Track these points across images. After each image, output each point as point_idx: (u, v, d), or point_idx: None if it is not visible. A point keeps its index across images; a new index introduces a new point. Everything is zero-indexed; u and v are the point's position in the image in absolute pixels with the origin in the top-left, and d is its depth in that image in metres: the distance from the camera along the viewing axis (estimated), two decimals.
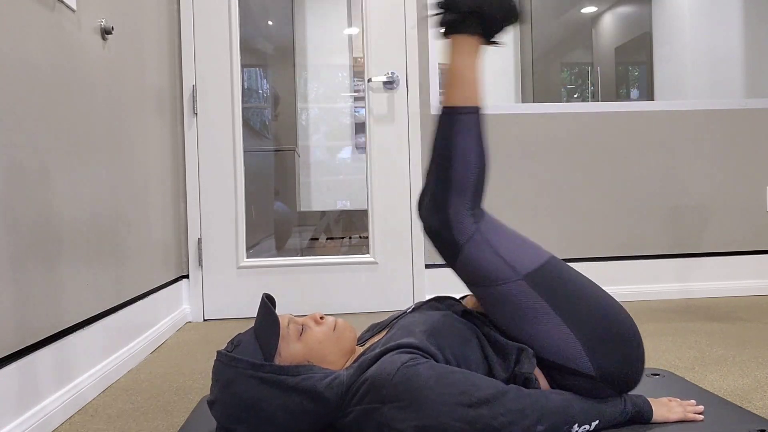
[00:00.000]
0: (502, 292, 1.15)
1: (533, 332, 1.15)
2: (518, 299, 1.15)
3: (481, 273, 1.15)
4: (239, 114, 2.68)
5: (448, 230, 1.15)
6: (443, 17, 1.18)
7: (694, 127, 2.89)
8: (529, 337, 1.16)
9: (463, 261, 1.16)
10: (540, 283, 1.15)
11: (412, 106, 2.73)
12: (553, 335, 1.14)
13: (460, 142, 1.17)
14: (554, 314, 1.14)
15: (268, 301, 1.16)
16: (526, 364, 1.14)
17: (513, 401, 1.03)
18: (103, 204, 1.75)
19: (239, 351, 1.13)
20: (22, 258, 1.29)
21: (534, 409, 1.03)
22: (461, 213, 1.16)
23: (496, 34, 1.21)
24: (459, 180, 1.17)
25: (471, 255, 1.15)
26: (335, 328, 1.20)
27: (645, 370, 1.45)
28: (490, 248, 1.15)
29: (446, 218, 1.16)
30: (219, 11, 2.66)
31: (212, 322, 2.61)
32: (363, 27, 2.74)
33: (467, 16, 1.17)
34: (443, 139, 1.19)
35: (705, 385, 1.53)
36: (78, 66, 1.61)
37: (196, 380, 1.73)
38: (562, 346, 1.14)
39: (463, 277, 1.19)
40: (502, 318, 1.18)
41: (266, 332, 1.13)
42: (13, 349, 1.26)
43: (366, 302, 2.73)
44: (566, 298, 1.15)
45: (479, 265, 1.15)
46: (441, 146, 1.19)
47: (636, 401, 1.15)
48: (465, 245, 1.15)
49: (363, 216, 2.86)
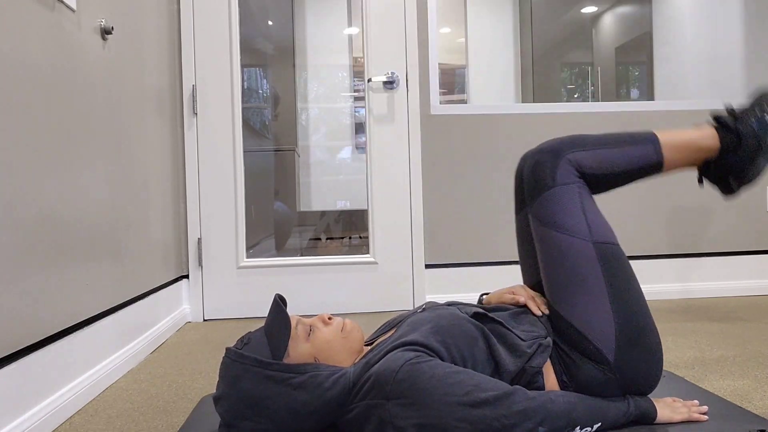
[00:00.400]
0: (568, 243, 1.19)
1: (577, 296, 1.17)
2: (579, 258, 1.18)
3: (559, 216, 1.19)
4: (239, 114, 2.68)
5: (552, 168, 1.22)
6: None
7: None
8: (570, 299, 1.18)
9: (549, 198, 1.20)
10: (604, 257, 1.18)
11: (412, 106, 2.73)
12: (595, 307, 1.16)
13: (631, 151, 1.25)
14: (604, 289, 1.17)
15: (280, 302, 1.16)
16: (537, 359, 1.15)
17: (517, 403, 1.03)
18: (103, 204, 1.75)
19: (249, 348, 1.13)
20: (22, 258, 1.29)
21: (537, 412, 1.03)
22: (572, 165, 1.22)
23: (722, 182, 1.32)
24: (596, 148, 1.24)
25: (559, 196, 1.20)
26: (343, 328, 1.21)
27: None
28: (579, 203, 1.20)
29: (557, 160, 1.22)
30: (219, 11, 2.66)
31: (212, 322, 2.61)
32: (363, 27, 2.74)
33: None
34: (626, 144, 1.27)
35: (705, 385, 1.53)
36: (78, 66, 1.61)
37: (196, 380, 1.73)
38: (597, 321, 1.16)
39: (539, 213, 1.22)
40: (553, 270, 1.20)
41: (277, 331, 1.14)
42: (13, 349, 1.26)
43: (366, 302, 2.73)
44: (621, 282, 1.18)
45: (562, 208, 1.19)
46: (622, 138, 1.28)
47: (640, 403, 1.15)
48: (558, 186, 1.20)
49: (363, 216, 2.86)
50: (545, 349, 1.17)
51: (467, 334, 1.17)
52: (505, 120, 2.80)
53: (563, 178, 1.21)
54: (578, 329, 1.16)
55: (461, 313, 1.22)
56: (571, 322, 1.17)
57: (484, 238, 2.79)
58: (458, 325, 1.18)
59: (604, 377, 1.15)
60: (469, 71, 4.68)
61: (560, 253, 1.19)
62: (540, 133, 2.81)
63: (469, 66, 4.68)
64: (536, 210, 1.23)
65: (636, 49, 4.79)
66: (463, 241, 2.78)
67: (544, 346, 1.18)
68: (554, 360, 1.20)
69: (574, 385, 1.18)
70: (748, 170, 1.27)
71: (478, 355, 1.16)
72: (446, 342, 1.14)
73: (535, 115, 2.82)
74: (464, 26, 4.70)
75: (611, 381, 1.15)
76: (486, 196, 2.79)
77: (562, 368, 1.19)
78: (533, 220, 1.25)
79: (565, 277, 1.19)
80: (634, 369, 1.16)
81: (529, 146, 2.81)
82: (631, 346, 1.15)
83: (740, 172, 1.28)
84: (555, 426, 1.04)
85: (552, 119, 2.82)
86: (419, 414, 1.02)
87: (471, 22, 4.70)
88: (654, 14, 4.67)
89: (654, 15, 4.66)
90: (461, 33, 4.70)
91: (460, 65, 4.70)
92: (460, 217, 2.78)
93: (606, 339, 1.15)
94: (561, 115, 2.83)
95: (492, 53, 4.71)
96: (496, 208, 2.79)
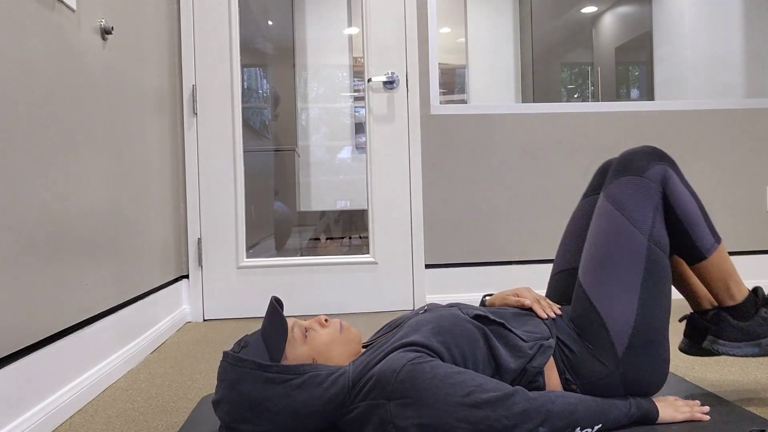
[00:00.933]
0: (626, 228, 1.20)
1: (611, 282, 1.18)
2: (629, 247, 1.18)
3: (631, 202, 1.20)
4: (239, 114, 2.68)
5: (648, 162, 1.23)
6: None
7: (694, 127, 2.89)
8: (603, 282, 1.19)
9: (630, 182, 1.22)
10: (652, 259, 1.19)
11: (412, 106, 2.73)
12: (621, 299, 1.17)
13: (703, 221, 1.27)
14: (637, 287, 1.17)
15: (276, 304, 1.16)
16: (538, 360, 1.16)
17: (517, 404, 1.03)
18: (103, 204, 1.75)
19: (246, 352, 1.13)
20: (22, 258, 1.29)
21: (538, 413, 1.03)
22: (664, 176, 1.23)
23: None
24: (688, 190, 1.26)
25: (640, 186, 1.22)
26: (341, 329, 1.21)
27: None
28: (654, 203, 1.21)
29: (658, 161, 1.24)
30: (219, 11, 2.66)
31: (212, 322, 2.61)
32: (363, 27, 2.74)
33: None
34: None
35: (705, 385, 1.53)
36: (78, 66, 1.61)
37: (196, 380, 1.73)
38: (619, 313, 1.16)
39: (613, 191, 1.24)
40: (599, 248, 1.21)
41: (274, 334, 1.14)
42: (13, 349, 1.26)
43: (366, 302, 2.73)
44: (654, 290, 1.18)
45: (636, 197, 1.21)
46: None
47: (641, 404, 1.15)
48: (644, 179, 1.22)
49: (363, 216, 2.86)
50: (546, 349, 1.17)
51: (468, 335, 1.17)
52: (505, 120, 2.80)
53: (653, 176, 1.22)
54: (599, 313, 1.17)
55: (462, 314, 1.22)
56: (594, 304, 1.18)
57: (484, 238, 2.79)
58: (459, 326, 1.18)
59: (608, 373, 1.15)
60: (469, 71, 4.68)
61: (614, 234, 1.20)
62: (540, 133, 2.81)
63: (469, 66, 4.68)
64: (612, 189, 1.25)
65: (636, 49, 4.79)
66: (463, 241, 2.78)
67: (546, 347, 1.18)
68: (557, 358, 1.20)
69: (578, 383, 1.18)
70: (729, 341, 1.28)
71: (479, 356, 1.16)
72: (447, 342, 1.14)
73: (534, 115, 2.82)
74: (464, 26, 4.70)
75: (615, 379, 1.16)
76: (486, 196, 2.79)
77: (566, 366, 1.19)
78: (603, 197, 1.26)
79: (608, 258, 1.19)
80: (639, 371, 1.16)
81: (529, 146, 2.81)
82: (641, 350, 1.16)
83: (722, 334, 1.29)
84: (556, 426, 1.04)
85: (552, 119, 2.82)
86: (420, 414, 1.02)
87: (471, 22, 4.70)
88: (654, 14, 4.67)
89: (654, 15, 4.67)
90: (461, 33, 4.70)
91: (460, 65, 4.70)
92: (460, 217, 2.78)
93: (621, 333, 1.16)
94: (561, 115, 2.83)
95: (492, 53, 4.71)
96: (496, 208, 2.79)
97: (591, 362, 1.18)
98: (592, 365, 1.17)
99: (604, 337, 1.17)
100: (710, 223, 1.26)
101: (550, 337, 1.21)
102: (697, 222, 1.24)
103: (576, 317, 1.23)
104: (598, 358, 1.17)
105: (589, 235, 1.26)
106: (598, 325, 1.18)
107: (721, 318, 1.29)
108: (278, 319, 1.14)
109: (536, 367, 1.15)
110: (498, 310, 1.30)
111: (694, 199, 1.24)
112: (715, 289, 1.28)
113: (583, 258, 1.26)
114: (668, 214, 1.24)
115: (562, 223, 2.82)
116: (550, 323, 1.25)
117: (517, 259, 2.81)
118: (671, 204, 1.23)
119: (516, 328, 1.23)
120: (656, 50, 4.62)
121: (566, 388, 1.20)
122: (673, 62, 4.40)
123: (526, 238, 2.81)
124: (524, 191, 2.81)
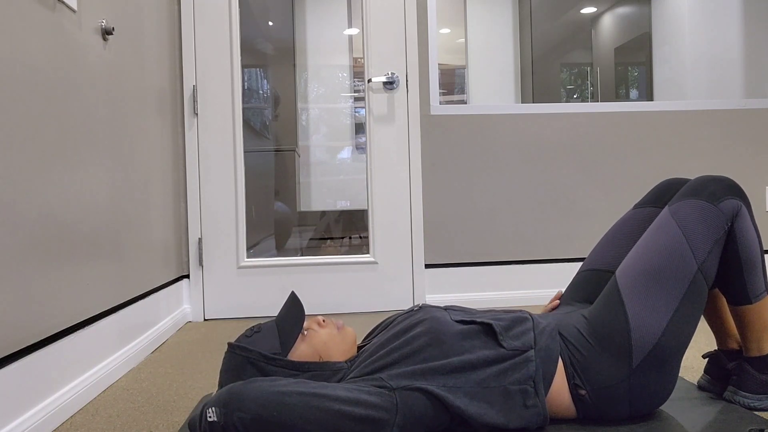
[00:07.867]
0: (680, 246, 1.19)
1: (649, 291, 1.17)
2: (678, 265, 1.18)
3: (694, 225, 1.20)
4: (239, 114, 2.69)
5: (725, 194, 1.23)
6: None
7: (693, 127, 2.89)
8: (640, 288, 1.18)
9: (700, 207, 1.22)
10: (696, 285, 1.18)
11: (412, 107, 2.74)
12: (654, 312, 1.16)
13: (759, 268, 1.28)
14: (672, 307, 1.17)
15: (296, 296, 1.20)
16: (516, 376, 1.14)
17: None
18: (104, 204, 1.76)
19: (258, 337, 1.16)
20: (22, 258, 1.30)
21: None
22: (736, 213, 1.23)
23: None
24: (756, 234, 1.27)
25: (709, 213, 1.21)
26: (339, 328, 1.24)
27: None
28: (716, 234, 1.21)
29: (735, 195, 1.24)
30: (219, 11, 2.66)
31: (213, 321, 2.62)
32: (363, 27, 2.75)
33: None
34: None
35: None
36: (78, 66, 1.61)
37: (197, 380, 1.73)
38: (648, 325, 1.15)
39: (680, 210, 1.23)
40: (648, 255, 1.20)
41: (290, 324, 1.16)
42: (13, 349, 1.26)
43: (366, 302, 2.73)
44: (688, 314, 1.18)
45: (700, 223, 1.20)
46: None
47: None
48: (715, 208, 1.21)
49: (363, 216, 2.86)
50: (528, 363, 1.15)
51: (460, 332, 1.17)
52: (504, 120, 2.81)
53: (726, 209, 1.22)
54: (627, 318, 1.16)
55: (450, 318, 1.22)
56: (626, 307, 1.17)
57: (484, 238, 2.79)
58: (448, 323, 1.19)
59: (617, 382, 1.14)
60: (469, 71, 4.69)
61: (669, 250, 1.19)
62: (539, 134, 2.82)
63: (469, 66, 4.69)
64: (681, 207, 1.23)
65: (635, 50, 4.79)
66: (463, 241, 2.78)
67: (524, 359, 1.15)
68: (565, 361, 1.18)
69: (587, 389, 1.16)
70: (750, 393, 1.29)
71: (468, 352, 1.15)
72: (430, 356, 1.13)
73: (534, 116, 2.82)
74: (464, 26, 4.71)
75: (622, 389, 1.14)
76: (486, 196, 2.79)
77: (574, 370, 1.17)
78: (668, 213, 1.24)
79: (656, 270, 1.18)
80: (647, 386, 1.15)
81: (529, 146, 2.81)
82: (656, 366, 1.15)
83: (743, 386, 1.30)
84: None
85: (551, 119, 2.83)
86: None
87: (471, 23, 4.71)
88: (653, 15, 4.68)
89: (653, 15, 4.68)
90: (461, 33, 4.71)
91: (460, 65, 4.71)
92: (460, 217, 2.78)
93: (643, 344, 1.15)
94: (560, 116, 2.83)
95: (492, 53, 4.72)
96: (496, 208, 2.80)
97: (600, 367, 1.15)
98: (601, 370, 1.15)
99: (623, 343, 1.15)
100: (765, 271, 1.26)
101: (531, 348, 1.17)
102: (755, 266, 1.24)
103: (597, 317, 1.20)
104: (610, 364, 1.15)
105: (642, 243, 1.24)
106: (621, 329, 1.16)
107: (743, 369, 1.30)
108: (297, 310, 1.17)
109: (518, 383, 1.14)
110: (485, 313, 1.28)
111: (758, 243, 1.25)
112: (749, 335, 1.29)
113: (626, 262, 1.24)
114: (728, 250, 1.24)
115: (561, 223, 2.83)
116: (539, 331, 1.20)
117: (517, 259, 2.81)
118: (735, 241, 1.23)
119: (502, 332, 1.20)
120: (655, 51, 4.63)
121: (574, 393, 1.17)
122: (672, 63, 4.41)
123: (526, 238, 2.81)
124: (524, 191, 2.82)
